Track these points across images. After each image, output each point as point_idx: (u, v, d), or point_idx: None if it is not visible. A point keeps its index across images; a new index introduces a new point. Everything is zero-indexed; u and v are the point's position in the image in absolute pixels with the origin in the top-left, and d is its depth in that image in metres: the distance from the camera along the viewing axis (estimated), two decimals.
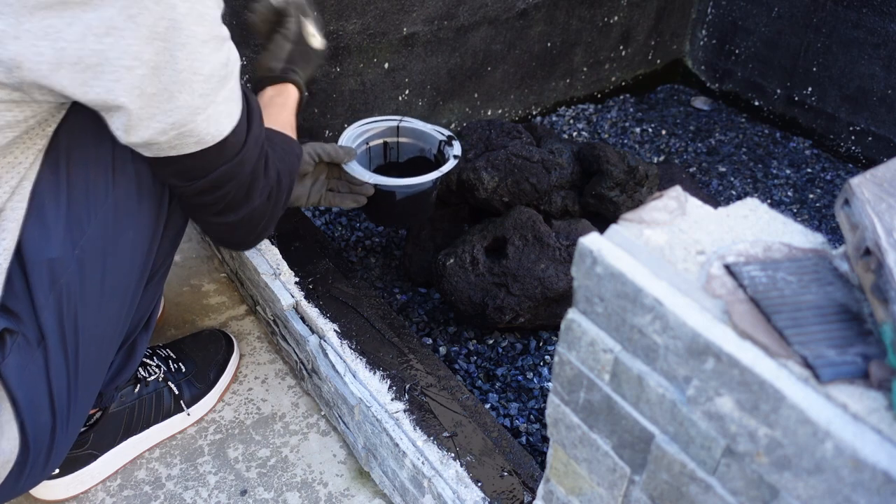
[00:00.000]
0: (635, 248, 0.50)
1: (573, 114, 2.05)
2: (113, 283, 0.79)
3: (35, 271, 0.72)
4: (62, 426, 0.79)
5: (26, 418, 0.75)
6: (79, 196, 0.73)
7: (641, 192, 1.36)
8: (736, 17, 2.08)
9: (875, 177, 0.50)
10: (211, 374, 1.10)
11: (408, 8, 1.55)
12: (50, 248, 0.72)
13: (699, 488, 0.49)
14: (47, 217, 0.72)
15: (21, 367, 0.74)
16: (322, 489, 1.01)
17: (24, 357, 0.74)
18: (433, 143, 1.28)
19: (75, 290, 0.75)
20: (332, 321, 1.07)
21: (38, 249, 0.72)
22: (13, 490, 0.79)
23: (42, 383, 0.76)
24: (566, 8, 1.86)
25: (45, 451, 0.79)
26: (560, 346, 0.57)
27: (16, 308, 0.73)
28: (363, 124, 1.27)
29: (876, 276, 0.44)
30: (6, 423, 0.74)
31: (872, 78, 1.82)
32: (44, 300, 0.73)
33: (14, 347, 0.73)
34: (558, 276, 1.18)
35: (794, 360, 0.42)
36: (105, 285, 0.78)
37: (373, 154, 1.31)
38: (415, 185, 1.16)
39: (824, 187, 1.83)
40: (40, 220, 0.72)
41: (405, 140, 1.31)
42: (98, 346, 0.81)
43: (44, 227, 0.72)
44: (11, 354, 0.73)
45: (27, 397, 0.75)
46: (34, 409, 0.76)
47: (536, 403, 1.16)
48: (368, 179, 1.14)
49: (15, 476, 0.77)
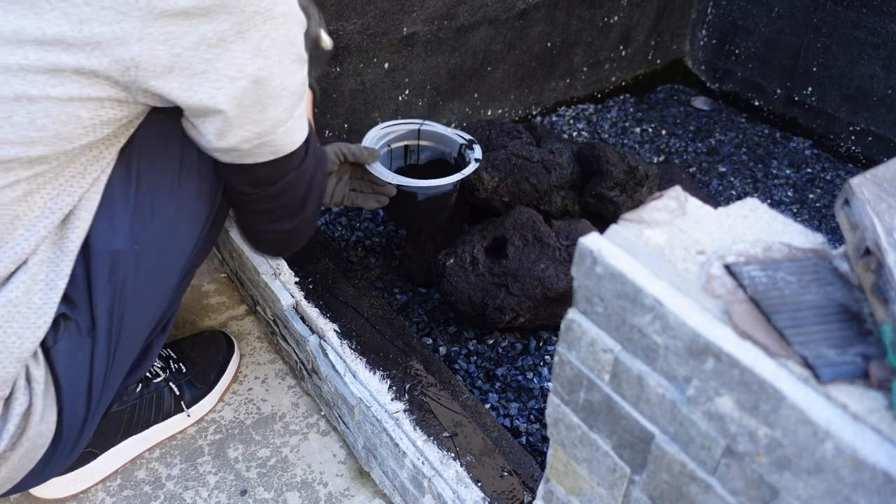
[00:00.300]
0: (635, 248, 0.50)
1: (573, 114, 2.05)
2: (160, 281, 0.83)
3: (98, 261, 0.75)
4: (92, 417, 0.81)
5: (65, 405, 0.77)
6: (145, 194, 0.77)
7: (641, 192, 1.36)
8: (736, 17, 2.08)
9: (875, 177, 0.50)
10: (211, 375, 1.10)
11: (408, 8, 1.55)
12: (115, 240, 0.76)
13: (699, 488, 0.49)
14: (115, 210, 0.76)
15: (69, 354, 0.76)
16: (322, 489, 1.01)
17: (74, 344, 0.76)
18: (454, 147, 1.30)
19: (130, 283, 0.78)
20: (332, 321, 1.07)
21: (105, 240, 0.75)
22: (39, 476, 0.81)
23: (85, 372, 0.78)
24: (566, 8, 1.86)
25: (74, 440, 0.81)
26: (560, 346, 0.57)
27: (74, 295, 0.75)
28: (385, 127, 1.30)
29: (876, 276, 0.44)
30: (48, 406, 0.76)
31: (872, 78, 1.82)
32: (101, 290, 0.76)
33: (66, 333, 0.76)
34: (558, 276, 1.18)
35: (794, 360, 0.42)
36: (153, 282, 0.82)
37: (394, 156, 1.33)
38: (437, 187, 1.19)
39: (824, 187, 1.83)
40: (109, 212, 0.75)
41: (426, 143, 1.34)
42: (133, 341, 0.84)
43: (112, 220, 0.75)
44: (63, 340, 0.75)
45: (70, 384, 0.77)
46: (74, 397, 0.78)
47: (536, 403, 1.16)
48: (391, 180, 1.16)
49: (44, 461, 0.79)
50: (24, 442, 0.75)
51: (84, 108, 0.67)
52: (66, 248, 0.73)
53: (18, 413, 0.73)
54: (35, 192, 0.70)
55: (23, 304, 0.71)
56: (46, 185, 0.70)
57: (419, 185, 1.17)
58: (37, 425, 0.75)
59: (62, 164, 0.70)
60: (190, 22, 0.65)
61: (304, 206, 0.89)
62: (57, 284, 0.73)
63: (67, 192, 0.72)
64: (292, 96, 0.76)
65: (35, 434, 0.75)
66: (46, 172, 0.69)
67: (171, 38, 0.65)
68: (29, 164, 0.67)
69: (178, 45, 0.65)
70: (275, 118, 0.75)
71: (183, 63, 0.66)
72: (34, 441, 0.76)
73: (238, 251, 1.21)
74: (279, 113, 0.75)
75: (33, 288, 0.72)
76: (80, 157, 0.71)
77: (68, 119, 0.66)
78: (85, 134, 0.69)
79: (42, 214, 0.71)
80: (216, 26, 0.66)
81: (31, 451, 0.76)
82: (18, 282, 0.71)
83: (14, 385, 0.72)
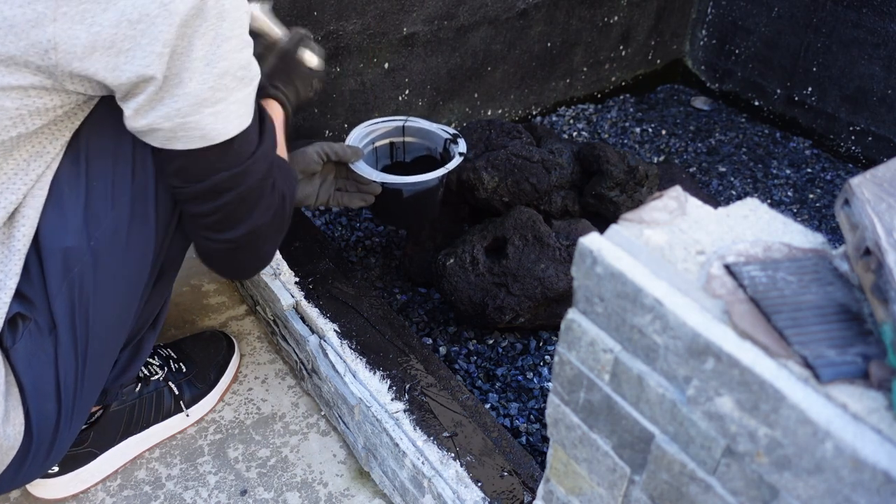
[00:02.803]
0: (635, 248, 0.50)
1: (573, 114, 2.05)
2: (125, 276, 0.80)
3: (50, 259, 0.74)
4: (66, 417, 0.80)
5: (32, 406, 0.76)
6: (98, 188, 0.75)
7: (641, 192, 1.36)
8: (736, 17, 2.08)
9: (875, 177, 0.50)
10: (211, 375, 1.10)
11: (408, 8, 1.55)
12: (66, 237, 0.74)
13: (699, 488, 0.49)
14: (65, 206, 0.74)
15: (31, 354, 0.75)
16: (322, 489, 1.01)
17: (35, 344, 0.75)
18: (438, 142, 1.29)
19: (88, 280, 0.76)
20: (332, 321, 1.07)
21: (55, 237, 0.74)
22: (13, 480, 0.80)
23: (50, 371, 0.77)
24: (566, 8, 1.86)
25: (48, 442, 0.80)
26: (560, 346, 0.57)
27: (30, 294, 0.74)
28: (369, 125, 1.28)
29: (876, 276, 0.44)
30: (13, 408, 0.75)
31: (872, 78, 1.82)
32: (56, 288, 0.75)
33: (25, 333, 0.75)
34: (558, 276, 1.18)
35: (794, 360, 0.42)
36: (118, 278, 0.79)
37: (379, 154, 1.32)
38: (421, 183, 1.17)
39: (824, 187, 1.83)
40: (58, 209, 0.74)
41: (411, 139, 1.32)
42: (106, 338, 0.82)
43: (61, 216, 0.74)
44: (22, 340, 0.74)
45: (34, 384, 0.76)
46: (40, 397, 0.77)
47: (536, 403, 1.16)
48: (376, 178, 1.15)
49: (17, 465, 0.78)
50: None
51: (7, 98, 0.65)
52: (13, 246, 0.72)
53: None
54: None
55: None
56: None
57: (403, 182, 1.16)
58: (1, 427, 0.73)
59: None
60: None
61: (250, 213, 0.81)
62: (6, 284, 0.72)
63: (10, 189, 0.71)
64: (222, 76, 0.70)
65: (1, 436, 0.73)
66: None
67: (88, 15, 0.62)
68: None
69: (97, 24, 0.62)
70: (195, 93, 0.68)
71: (105, 42, 0.63)
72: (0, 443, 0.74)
73: None
74: (202, 89, 0.69)
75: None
76: (17, 151, 0.70)
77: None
78: (13, 125, 0.67)
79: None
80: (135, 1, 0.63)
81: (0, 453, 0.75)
82: None
83: None
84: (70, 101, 0.70)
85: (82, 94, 0.70)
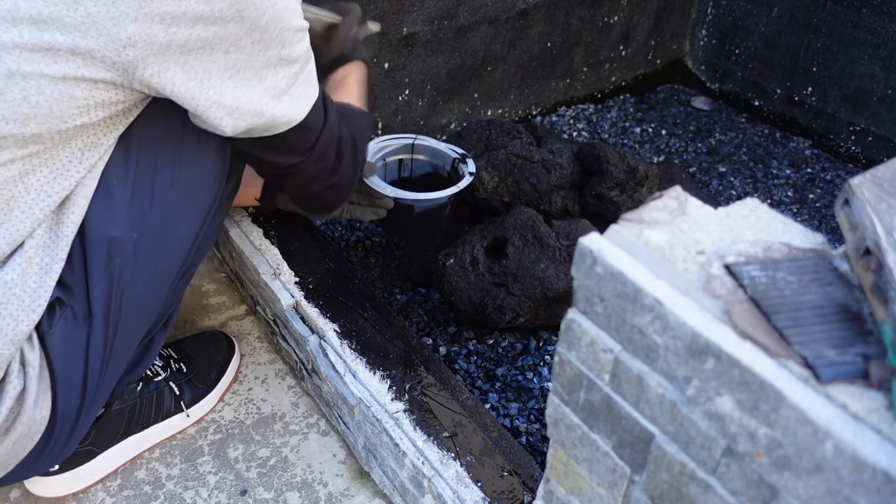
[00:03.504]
0: (635, 248, 0.50)
1: (573, 114, 2.05)
2: (158, 272, 0.83)
3: (94, 247, 0.75)
4: (87, 407, 0.81)
5: (59, 392, 0.78)
6: (144, 181, 0.77)
7: (641, 192, 1.36)
8: (736, 17, 2.08)
9: (875, 177, 0.50)
10: (212, 375, 1.10)
11: (408, 8, 1.55)
12: (112, 228, 0.76)
13: (699, 488, 0.49)
14: (113, 197, 0.76)
15: (65, 340, 0.77)
16: (322, 489, 1.01)
17: (70, 330, 0.77)
18: (447, 161, 1.32)
19: (128, 272, 0.78)
20: (332, 321, 1.07)
21: (101, 227, 0.76)
22: (32, 466, 0.81)
23: (80, 359, 0.78)
24: (566, 8, 1.86)
25: (69, 430, 0.81)
26: (560, 346, 0.57)
27: (70, 281, 0.76)
28: (381, 141, 1.33)
29: (876, 276, 0.44)
30: (43, 391, 0.76)
31: (872, 78, 1.82)
32: (98, 277, 0.76)
33: (62, 319, 0.76)
34: (558, 276, 1.18)
35: (794, 360, 0.42)
36: (152, 273, 0.82)
37: (388, 170, 1.36)
38: (433, 200, 1.21)
39: (824, 187, 1.83)
40: (107, 200, 0.76)
41: (419, 157, 1.37)
42: (133, 332, 0.84)
43: (109, 207, 0.76)
44: (58, 325, 0.76)
45: (65, 370, 0.77)
46: (68, 384, 0.78)
47: (536, 403, 1.16)
48: (389, 193, 1.18)
49: (38, 451, 0.79)
50: (18, 427, 0.75)
51: (78, 88, 0.67)
52: (62, 232, 0.74)
53: (12, 396, 0.73)
54: (30, 173, 0.70)
55: (18, 287, 0.71)
56: (42, 168, 0.71)
57: (415, 198, 1.19)
58: (31, 410, 0.75)
59: (56, 144, 0.70)
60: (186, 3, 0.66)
61: (340, 157, 0.93)
62: (52, 268, 0.74)
63: (64, 175, 0.72)
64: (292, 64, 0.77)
65: (29, 419, 0.75)
66: (41, 153, 0.70)
67: (167, 17, 0.66)
68: (23, 142, 0.68)
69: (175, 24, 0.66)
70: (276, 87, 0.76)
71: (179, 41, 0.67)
72: (28, 426, 0.76)
73: (238, 251, 1.21)
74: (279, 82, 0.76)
75: (29, 271, 0.72)
76: (76, 140, 0.72)
77: (62, 97, 0.67)
78: (79, 114, 0.69)
79: (38, 197, 0.71)
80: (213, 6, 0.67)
81: (25, 437, 0.76)
82: (14, 264, 0.71)
83: (8, 368, 0.73)
84: (133, 97, 0.72)
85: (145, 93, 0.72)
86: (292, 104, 0.79)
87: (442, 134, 1.84)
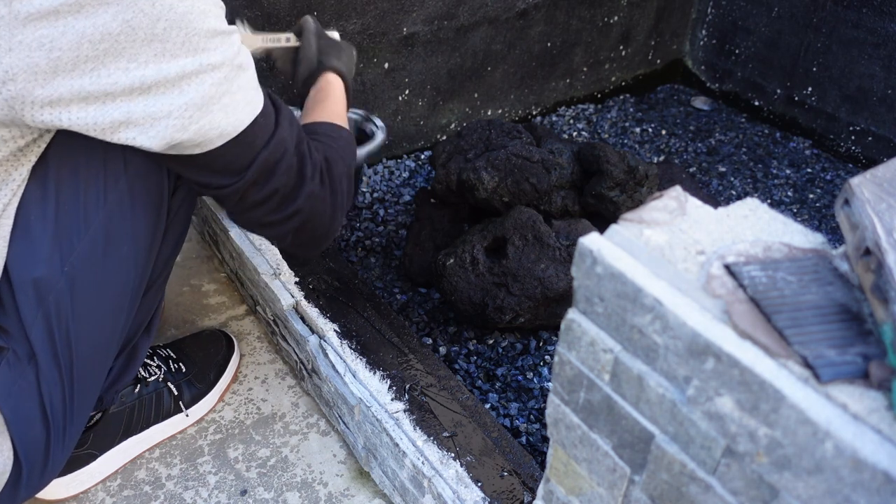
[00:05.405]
0: (635, 248, 0.50)
1: (573, 114, 2.05)
2: (108, 296, 0.78)
3: (21, 290, 0.72)
4: (57, 438, 0.79)
5: (15, 432, 0.75)
6: (68, 211, 0.72)
7: (641, 192, 1.36)
8: (736, 17, 2.08)
9: (875, 177, 0.50)
10: (211, 375, 1.10)
11: (408, 8, 1.55)
12: (35, 267, 0.71)
13: (699, 488, 0.49)
14: (33, 234, 0.71)
15: (10, 383, 0.74)
16: (322, 489, 1.01)
17: (14, 373, 0.74)
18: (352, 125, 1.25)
19: (65, 306, 0.74)
20: (332, 321, 1.07)
21: (24, 268, 0.71)
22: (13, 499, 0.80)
23: (34, 398, 0.76)
24: (566, 8, 1.86)
25: (41, 463, 0.79)
26: (560, 346, 0.57)
27: (6, 324, 0.73)
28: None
29: (876, 276, 0.44)
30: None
31: (872, 78, 1.82)
32: (31, 318, 0.73)
33: (4, 362, 0.74)
34: (558, 276, 1.18)
35: (794, 360, 0.42)
36: (99, 299, 0.77)
37: None
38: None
39: (824, 187, 1.83)
40: (26, 238, 0.71)
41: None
42: (94, 356, 0.80)
43: (29, 245, 0.71)
44: (1, 369, 0.73)
45: (15, 412, 0.75)
46: (25, 424, 0.76)
47: (536, 403, 1.16)
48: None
49: (11, 487, 0.78)
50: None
51: None
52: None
53: None
54: None
55: None
56: None
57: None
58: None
59: None
60: (63, 21, 0.59)
61: (301, 181, 0.80)
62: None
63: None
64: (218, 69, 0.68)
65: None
66: None
67: (46, 41, 0.59)
68: None
69: (56, 49, 0.59)
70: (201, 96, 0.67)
71: (66, 65, 0.60)
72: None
73: (238, 251, 1.21)
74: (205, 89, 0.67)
75: None
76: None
77: None
78: None
79: None
80: (95, 21, 0.60)
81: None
82: None
83: None
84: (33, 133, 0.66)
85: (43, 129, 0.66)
86: (225, 115, 0.70)
87: (442, 134, 1.84)
